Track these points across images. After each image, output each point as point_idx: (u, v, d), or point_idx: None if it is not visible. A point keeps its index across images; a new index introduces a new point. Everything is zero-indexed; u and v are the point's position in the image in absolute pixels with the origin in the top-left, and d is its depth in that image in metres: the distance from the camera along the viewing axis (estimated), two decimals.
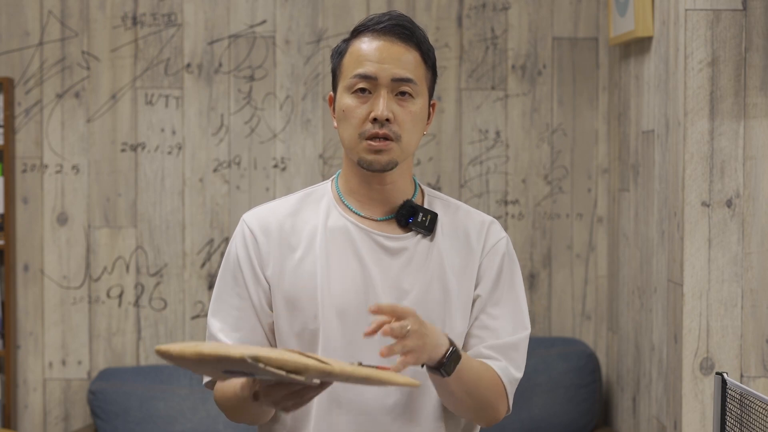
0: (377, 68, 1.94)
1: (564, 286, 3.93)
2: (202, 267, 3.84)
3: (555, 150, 3.91)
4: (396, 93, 1.95)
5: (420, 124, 1.98)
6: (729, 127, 2.92)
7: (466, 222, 2.05)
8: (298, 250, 1.99)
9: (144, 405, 3.63)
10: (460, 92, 3.89)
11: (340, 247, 1.99)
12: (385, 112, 1.93)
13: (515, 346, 1.99)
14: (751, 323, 2.93)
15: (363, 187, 2.01)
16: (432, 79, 2.02)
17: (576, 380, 3.74)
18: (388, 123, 1.93)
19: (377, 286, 1.97)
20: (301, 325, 1.97)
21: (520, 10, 3.88)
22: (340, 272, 1.97)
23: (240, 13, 3.84)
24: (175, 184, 3.84)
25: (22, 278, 3.82)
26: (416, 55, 1.97)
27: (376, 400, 1.96)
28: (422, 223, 2.00)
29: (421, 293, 1.98)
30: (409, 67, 1.96)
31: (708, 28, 2.91)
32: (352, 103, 1.95)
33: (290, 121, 3.86)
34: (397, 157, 1.96)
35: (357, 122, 1.95)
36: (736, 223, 2.93)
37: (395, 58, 1.95)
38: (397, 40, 1.96)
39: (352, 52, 1.98)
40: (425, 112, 2.00)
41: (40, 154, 3.81)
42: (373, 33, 1.97)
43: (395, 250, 1.99)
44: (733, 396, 1.94)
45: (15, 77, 3.80)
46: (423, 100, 1.98)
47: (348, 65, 1.97)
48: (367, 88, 1.95)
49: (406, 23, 1.98)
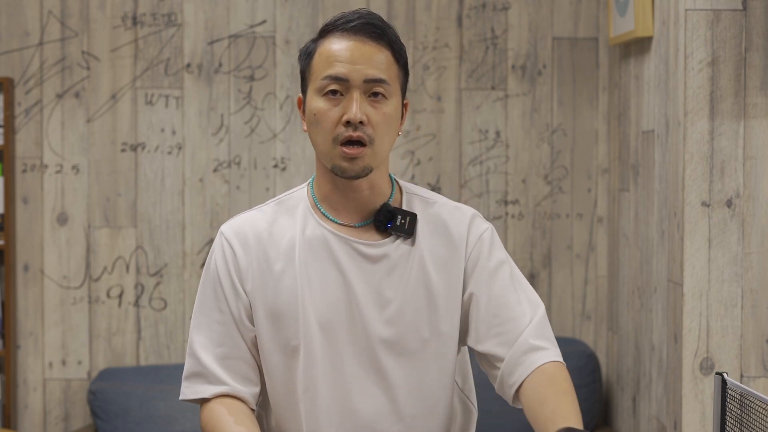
0: (349, 69, 1.88)
1: (564, 286, 3.93)
2: (202, 267, 3.84)
3: (555, 150, 3.91)
4: (368, 94, 1.90)
5: (394, 125, 1.93)
6: (729, 127, 2.92)
7: (447, 218, 2.00)
8: (277, 263, 1.95)
9: (144, 405, 3.63)
10: (460, 92, 3.89)
11: (320, 258, 1.94)
12: (359, 115, 1.87)
13: (543, 325, 1.94)
14: (751, 323, 2.93)
15: (337, 194, 1.96)
16: (404, 79, 1.97)
17: (576, 380, 3.72)
18: (361, 125, 1.88)
19: (359, 297, 1.93)
20: (284, 340, 1.94)
21: (520, 10, 3.88)
22: (321, 285, 1.93)
23: (240, 13, 3.84)
24: (175, 184, 3.84)
25: (22, 278, 3.82)
26: (388, 54, 1.92)
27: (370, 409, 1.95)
28: (401, 227, 1.95)
29: (404, 301, 1.94)
30: (382, 67, 1.90)
31: (708, 28, 2.91)
32: (324, 106, 1.90)
33: (290, 121, 3.86)
34: (371, 162, 1.91)
35: (329, 126, 1.89)
36: (736, 223, 2.93)
37: (367, 58, 1.89)
38: (368, 40, 1.91)
39: (322, 52, 1.92)
40: (398, 112, 1.95)
41: (40, 154, 3.81)
42: (343, 32, 1.91)
43: (376, 258, 1.94)
44: (733, 396, 1.94)
45: (15, 77, 3.80)
46: (396, 101, 1.93)
47: (318, 67, 1.92)
48: (338, 90, 1.89)
49: (376, 21, 1.92)
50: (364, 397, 1.94)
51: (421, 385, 1.96)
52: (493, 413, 3.15)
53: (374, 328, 1.94)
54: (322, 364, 1.93)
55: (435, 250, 1.97)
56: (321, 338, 1.93)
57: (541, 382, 1.87)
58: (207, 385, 1.97)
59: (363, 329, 1.94)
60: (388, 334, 1.94)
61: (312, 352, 1.93)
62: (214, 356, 1.96)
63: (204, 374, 1.97)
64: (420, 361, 1.96)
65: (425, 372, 1.96)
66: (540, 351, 1.90)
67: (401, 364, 1.95)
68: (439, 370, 1.97)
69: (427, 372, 1.96)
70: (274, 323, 1.95)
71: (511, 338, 1.92)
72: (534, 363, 1.89)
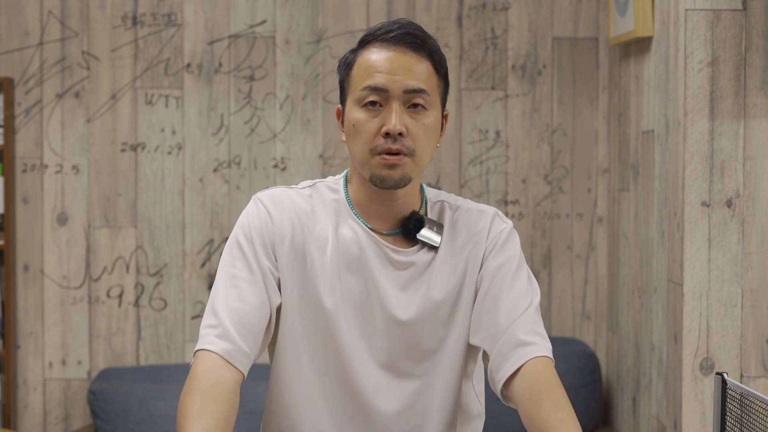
0: (388, 80, 1.86)
1: (564, 286, 3.93)
2: (202, 267, 3.84)
3: (555, 150, 3.91)
4: (408, 105, 1.87)
5: (434, 136, 1.91)
6: (729, 127, 2.92)
7: (471, 223, 2.00)
8: (311, 247, 1.94)
9: (144, 405, 3.63)
10: (460, 92, 3.89)
11: (350, 257, 1.94)
12: (398, 126, 1.85)
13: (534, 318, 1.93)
14: (751, 323, 2.93)
15: (373, 203, 1.95)
16: (444, 89, 1.95)
17: (576, 380, 3.74)
18: (401, 137, 1.86)
19: (383, 297, 1.93)
20: (309, 323, 1.94)
21: (520, 10, 3.88)
22: (348, 283, 1.93)
23: (240, 13, 3.84)
24: (175, 184, 3.84)
25: (22, 278, 3.82)
26: (428, 64, 1.89)
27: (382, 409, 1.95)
28: (430, 239, 1.95)
29: (424, 305, 1.95)
30: (422, 78, 1.88)
31: (708, 28, 2.91)
32: (363, 117, 1.87)
33: (290, 121, 3.86)
34: (411, 172, 1.88)
35: (368, 137, 1.87)
36: (736, 223, 2.93)
37: (407, 69, 1.87)
38: (408, 50, 1.88)
39: (361, 63, 1.89)
40: (438, 123, 1.92)
41: (40, 154, 3.81)
42: (383, 42, 1.89)
43: (403, 265, 1.95)
44: (733, 396, 1.94)
45: (15, 77, 3.80)
46: (436, 112, 1.91)
47: (357, 77, 1.89)
48: (378, 101, 1.87)
49: (416, 31, 1.90)
50: (377, 392, 1.94)
51: (434, 384, 1.96)
52: (494, 413, 3.15)
53: (394, 328, 1.94)
54: (340, 356, 1.93)
55: (457, 259, 1.97)
56: (343, 333, 1.93)
57: (527, 379, 1.86)
58: (217, 339, 1.88)
59: (384, 327, 1.94)
60: (406, 336, 1.95)
61: (332, 341, 1.93)
62: (229, 310, 1.89)
63: (217, 326, 1.89)
64: (434, 361, 1.97)
65: (437, 371, 1.97)
66: (528, 346, 1.89)
67: (417, 364, 1.96)
68: (450, 369, 1.97)
69: (438, 371, 1.97)
70: (300, 307, 1.93)
71: (499, 331, 1.91)
72: (521, 359, 1.88)
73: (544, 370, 1.87)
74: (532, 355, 1.88)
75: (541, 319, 1.95)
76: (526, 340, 1.89)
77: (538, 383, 1.85)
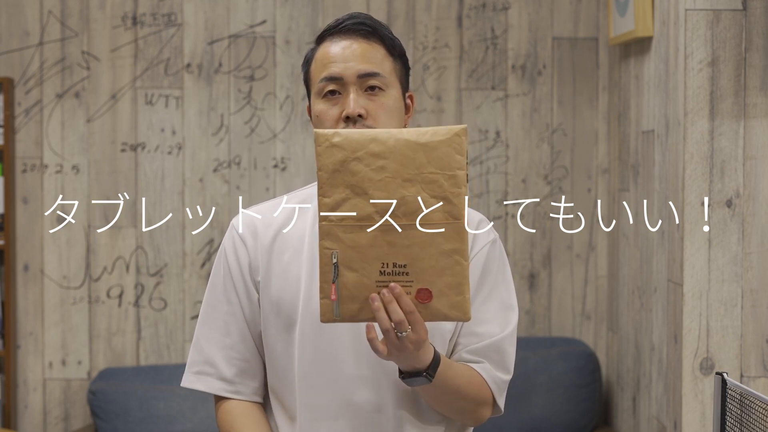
0: (342, 68, 1.92)
1: (564, 286, 3.93)
2: (202, 267, 3.84)
3: (555, 150, 3.91)
4: (365, 89, 1.92)
5: (397, 115, 1.95)
6: (729, 127, 2.92)
7: None
8: (285, 253, 1.98)
9: (144, 405, 3.63)
10: (460, 92, 3.89)
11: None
12: (357, 109, 1.90)
13: (497, 347, 1.95)
14: (751, 323, 2.93)
15: None
16: (403, 71, 1.99)
17: (576, 380, 3.74)
18: (361, 119, 1.90)
19: None
20: (283, 326, 1.96)
21: (520, 10, 3.88)
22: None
23: (240, 13, 3.84)
24: (175, 184, 3.84)
25: (22, 278, 3.82)
26: (380, 48, 1.95)
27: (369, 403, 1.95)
28: None
29: None
30: (375, 61, 1.93)
31: (708, 28, 2.91)
32: (324, 107, 1.93)
33: (290, 121, 3.86)
34: None
35: (331, 124, 1.92)
36: (736, 223, 2.93)
37: (359, 55, 1.93)
38: (359, 38, 1.94)
39: (318, 57, 1.97)
40: (400, 103, 1.97)
41: (40, 154, 3.81)
42: (335, 35, 1.96)
43: None
44: (733, 396, 1.94)
45: (15, 77, 3.80)
46: (396, 92, 1.95)
47: (315, 71, 1.96)
48: (336, 90, 1.93)
49: (366, 21, 1.96)
50: (360, 385, 1.94)
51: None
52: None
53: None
54: (319, 352, 1.94)
55: None
56: (319, 328, 1.93)
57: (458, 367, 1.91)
58: (213, 380, 2.01)
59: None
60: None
61: (304, 345, 1.94)
62: (220, 348, 2.00)
63: (210, 365, 2.01)
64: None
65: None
66: (474, 364, 1.94)
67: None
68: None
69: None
70: (277, 312, 1.97)
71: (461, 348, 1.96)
72: (462, 361, 1.96)
73: (470, 374, 1.93)
74: (479, 370, 1.94)
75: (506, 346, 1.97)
76: (472, 360, 1.95)
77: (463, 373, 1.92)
